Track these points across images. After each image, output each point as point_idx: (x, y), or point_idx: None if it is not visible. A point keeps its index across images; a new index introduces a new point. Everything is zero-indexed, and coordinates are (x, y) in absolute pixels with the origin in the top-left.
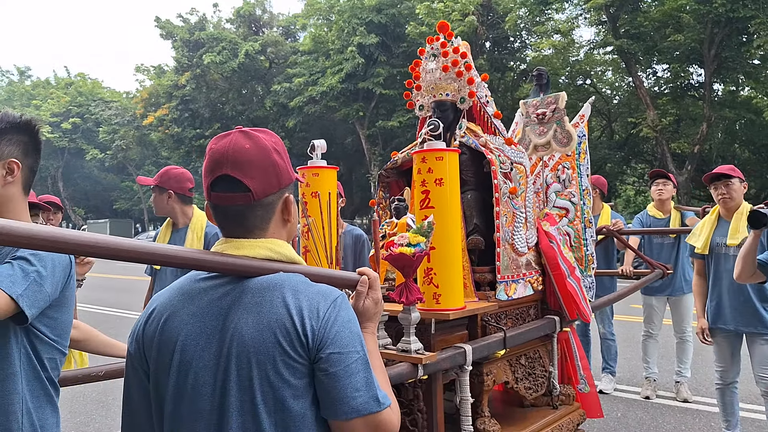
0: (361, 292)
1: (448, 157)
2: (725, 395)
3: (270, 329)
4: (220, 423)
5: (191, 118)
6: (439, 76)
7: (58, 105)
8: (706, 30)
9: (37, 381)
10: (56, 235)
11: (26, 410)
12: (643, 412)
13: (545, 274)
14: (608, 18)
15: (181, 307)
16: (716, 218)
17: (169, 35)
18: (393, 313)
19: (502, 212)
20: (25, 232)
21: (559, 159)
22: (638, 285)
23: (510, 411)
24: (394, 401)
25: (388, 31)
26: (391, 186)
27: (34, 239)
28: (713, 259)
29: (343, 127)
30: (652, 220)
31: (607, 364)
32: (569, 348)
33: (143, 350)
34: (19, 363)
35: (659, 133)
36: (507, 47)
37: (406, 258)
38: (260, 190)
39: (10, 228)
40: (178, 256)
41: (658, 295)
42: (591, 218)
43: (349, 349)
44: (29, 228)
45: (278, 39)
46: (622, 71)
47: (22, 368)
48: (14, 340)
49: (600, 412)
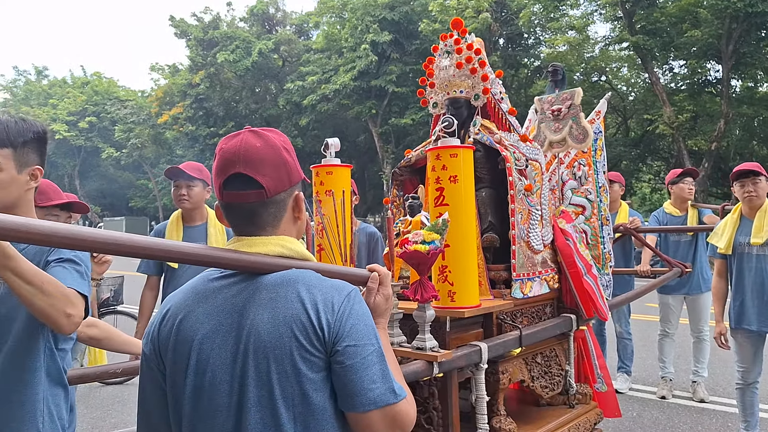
0: (372, 288)
1: (462, 154)
2: (745, 395)
3: (286, 324)
4: (238, 418)
5: (205, 117)
6: (453, 73)
7: (75, 104)
8: (724, 25)
9: (56, 371)
10: (74, 233)
11: (45, 398)
12: (658, 411)
13: (561, 272)
14: (624, 14)
15: (196, 306)
16: (738, 217)
17: (184, 34)
18: (408, 311)
19: (517, 209)
20: (46, 230)
21: (575, 156)
22: (656, 283)
23: (526, 410)
24: (409, 393)
25: (401, 29)
26: (405, 184)
27: (53, 237)
28: (736, 258)
29: (356, 125)
30: (669, 218)
31: (623, 364)
32: (586, 347)
33: (159, 351)
34: (43, 356)
35: (676, 130)
36: (521, 44)
37: (421, 255)
38: (273, 187)
39: (30, 225)
40: (194, 253)
41: (674, 294)
42: (608, 216)
43: (364, 342)
44: (50, 226)
45: (291, 37)
46: (638, 67)
47: (45, 361)
48: (42, 336)
49: (618, 411)
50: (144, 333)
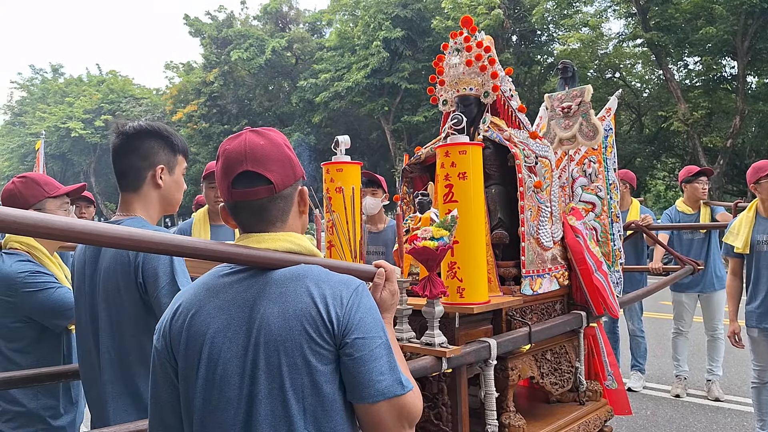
0: (378, 284)
1: (471, 150)
2: (762, 394)
3: (296, 318)
4: (249, 410)
5: (219, 114)
6: (463, 70)
7: (91, 102)
8: (740, 21)
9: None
10: (90, 229)
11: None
12: (673, 410)
13: (571, 269)
14: (638, 10)
15: (207, 302)
16: (754, 215)
17: (198, 33)
18: (417, 307)
19: (526, 206)
20: (63, 226)
21: (585, 153)
22: (668, 281)
23: (535, 406)
24: (416, 386)
25: (414, 26)
26: (415, 181)
27: (70, 232)
28: (754, 257)
29: (369, 123)
30: (681, 216)
31: (636, 362)
32: (596, 344)
33: (170, 346)
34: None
35: (690, 127)
36: (534, 41)
37: (430, 251)
38: (280, 182)
39: (48, 221)
40: (208, 249)
41: (688, 292)
42: (618, 213)
43: (372, 334)
44: (66, 221)
45: (304, 35)
46: (652, 64)
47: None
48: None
49: (628, 408)
50: (156, 329)
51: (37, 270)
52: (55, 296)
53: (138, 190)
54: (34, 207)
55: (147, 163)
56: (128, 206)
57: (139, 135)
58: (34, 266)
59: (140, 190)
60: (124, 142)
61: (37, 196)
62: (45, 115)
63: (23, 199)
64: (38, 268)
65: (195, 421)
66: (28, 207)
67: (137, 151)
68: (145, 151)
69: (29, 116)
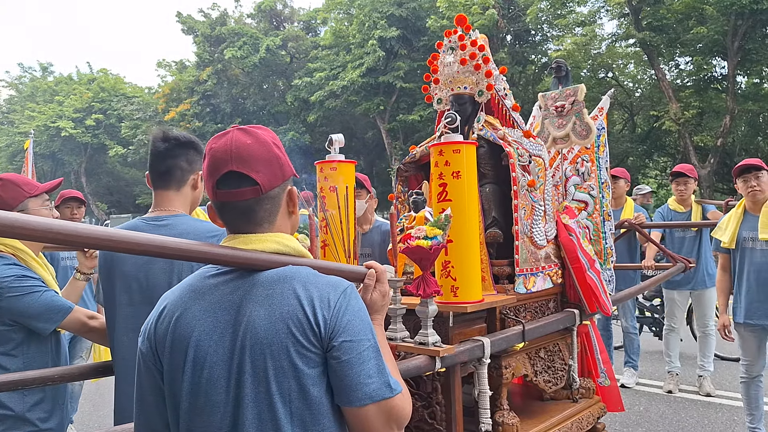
0: (369, 285)
1: (465, 149)
2: (750, 389)
3: (282, 320)
4: (235, 414)
5: (212, 113)
6: (457, 69)
7: (81, 101)
8: (730, 22)
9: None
10: (69, 229)
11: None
12: (665, 406)
13: (564, 267)
14: (630, 10)
15: (193, 304)
16: (742, 212)
17: (191, 30)
18: (410, 306)
19: (520, 205)
20: (41, 226)
21: (578, 152)
22: (660, 278)
23: (529, 404)
24: (405, 388)
25: (409, 25)
26: (410, 180)
27: (49, 233)
28: (740, 253)
29: (364, 122)
30: (674, 214)
31: (630, 358)
32: (589, 341)
33: (155, 348)
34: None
35: (682, 126)
36: (528, 41)
37: (423, 251)
38: (267, 182)
39: (26, 222)
40: (191, 250)
41: (680, 290)
42: (610, 211)
43: (360, 337)
44: (44, 222)
45: (299, 33)
46: (645, 64)
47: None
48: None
49: (621, 405)
50: (140, 330)
51: (23, 274)
52: (41, 300)
53: (180, 189)
54: (17, 209)
55: (191, 167)
56: (169, 203)
57: (186, 143)
58: (20, 270)
59: (182, 189)
60: (174, 146)
61: (18, 198)
62: (34, 114)
63: (4, 202)
64: (24, 272)
65: (181, 425)
66: (11, 210)
67: (185, 155)
68: (191, 158)
69: (18, 115)
